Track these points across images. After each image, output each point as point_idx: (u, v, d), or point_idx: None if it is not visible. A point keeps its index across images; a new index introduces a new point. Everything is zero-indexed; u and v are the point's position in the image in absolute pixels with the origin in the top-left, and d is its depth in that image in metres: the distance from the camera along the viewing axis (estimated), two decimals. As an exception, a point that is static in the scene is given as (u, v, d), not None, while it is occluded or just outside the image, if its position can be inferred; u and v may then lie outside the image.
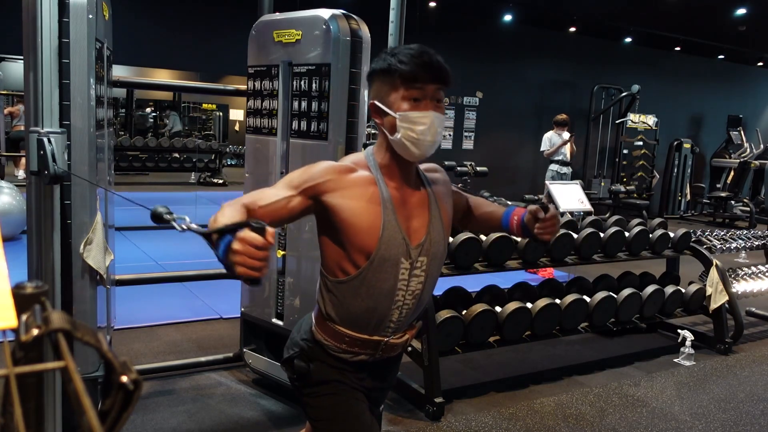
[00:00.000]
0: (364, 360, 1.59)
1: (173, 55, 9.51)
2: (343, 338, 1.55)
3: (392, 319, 1.55)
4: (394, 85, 1.45)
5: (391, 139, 1.46)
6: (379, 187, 1.47)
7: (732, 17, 9.58)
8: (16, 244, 5.34)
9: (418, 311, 1.63)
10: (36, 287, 0.48)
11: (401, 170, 1.51)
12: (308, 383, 1.60)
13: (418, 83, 1.43)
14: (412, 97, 1.43)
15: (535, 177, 10.95)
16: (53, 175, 2.05)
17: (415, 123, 1.43)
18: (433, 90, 1.45)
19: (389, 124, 1.46)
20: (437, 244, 1.55)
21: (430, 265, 1.55)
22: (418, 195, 1.55)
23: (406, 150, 1.46)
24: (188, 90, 12.40)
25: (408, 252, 1.50)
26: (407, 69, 1.41)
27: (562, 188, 5.83)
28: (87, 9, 2.17)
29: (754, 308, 5.15)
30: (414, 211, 1.53)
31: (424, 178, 1.60)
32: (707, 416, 3.33)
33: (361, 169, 1.49)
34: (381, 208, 1.46)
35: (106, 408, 0.45)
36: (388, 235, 1.46)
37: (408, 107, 1.43)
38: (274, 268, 3.09)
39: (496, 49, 10.87)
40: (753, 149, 12.42)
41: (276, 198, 1.43)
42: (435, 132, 1.45)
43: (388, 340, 1.57)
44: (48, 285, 0.53)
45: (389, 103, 1.46)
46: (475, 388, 3.56)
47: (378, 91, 1.49)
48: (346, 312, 1.53)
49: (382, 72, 1.46)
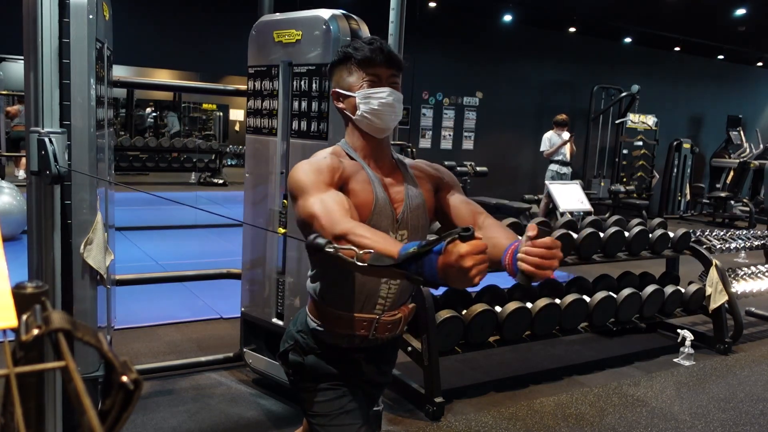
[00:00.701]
0: (359, 346, 1.61)
1: (173, 55, 9.51)
2: (336, 320, 1.57)
3: (381, 294, 1.58)
4: (351, 70, 1.56)
5: (355, 119, 1.57)
6: (364, 168, 1.57)
7: (732, 17, 9.58)
8: (16, 244, 5.34)
9: (408, 290, 1.66)
10: (36, 287, 0.48)
11: (376, 150, 1.60)
12: (304, 378, 1.63)
13: (372, 66, 1.54)
14: (368, 79, 1.54)
15: (535, 177, 10.95)
16: (54, 175, 2.05)
17: (373, 97, 1.53)
18: (387, 74, 1.55)
19: (351, 105, 1.56)
20: (416, 217, 1.60)
21: (411, 239, 1.57)
22: (394, 173, 1.62)
23: (370, 125, 1.55)
24: (188, 90, 12.39)
25: (394, 226, 1.56)
26: (362, 54, 1.54)
27: (562, 188, 5.83)
28: (87, 9, 2.18)
29: (753, 308, 5.15)
30: (391, 188, 1.59)
31: (399, 162, 1.66)
32: (707, 416, 3.33)
33: (344, 158, 1.58)
34: (371, 186, 1.54)
35: (107, 408, 0.45)
36: (380, 206, 1.53)
37: (366, 86, 1.55)
38: (274, 267, 3.10)
39: (496, 49, 10.86)
40: (753, 149, 12.42)
41: (342, 203, 1.42)
42: (393, 105, 1.54)
43: (380, 318, 1.60)
44: (48, 285, 0.54)
45: (349, 86, 1.57)
46: (475, 388, 3.56)
47: (338, 79, 1.59)
48: (336, 291, 1.57)
49: (339, 62, 1.58)
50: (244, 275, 3.28)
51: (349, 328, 1.58)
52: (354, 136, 1.61)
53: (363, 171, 1.56)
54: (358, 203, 1.50)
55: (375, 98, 1.53)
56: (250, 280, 3.24)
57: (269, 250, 3.10)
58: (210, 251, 6.38)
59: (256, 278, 3.19)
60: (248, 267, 3.24)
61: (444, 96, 10.53)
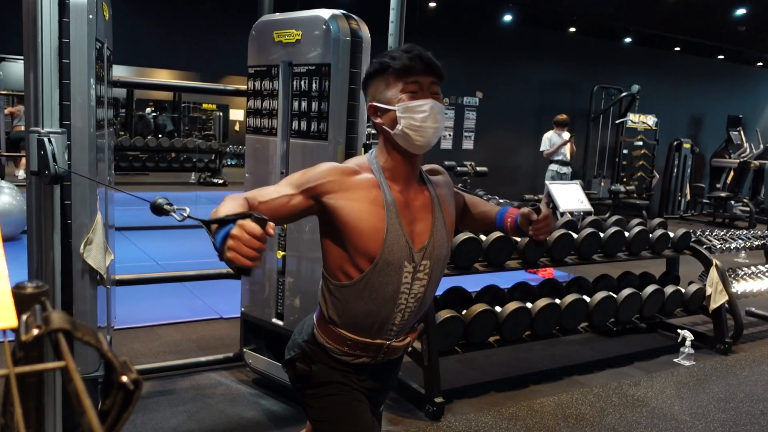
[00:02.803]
0: (366, 363, 1.59)
1: (173, 55, 9.52)
2: (344, 341, 1.54)
3: (395, 322, 1.54)
4: (389, 82, 1.47)
5: (393, 134, 1.46)
6: (382, 190, 1.47)
7: (732, 17, 9.58)
8: (16, 244, 5.34)
9: (421, 314, 1.62)
10: (36, 287, 0.48)
11: (404, 172, 1.51)
12: (309, 384, 1.60)
13: (412, 76, 1.45)
14: (408, 90, 1.45)
15: (535, 177, 10.95)
16: (54, 175, 2.05)
17: (415, 111, 1.44)
18: (428, 83, 1.47)
19: (389, 119, 1.46)
20: (440, 247, 1.55)
21: (433, 269, 1.54)
22: (421, 198, 1.54)
23: (409, 141, 1.45)
24: (188, 90, 12.39)
25: (411, 256, 1.49)
26: (400, 63, 1.44)
27: (562, 188, 5.83)
28: (87, 9, 2.17)
29: (753, 308, 5.15)
30: (417, 215, 1.52)
31: (428, 180, 1.59)
32: (707, 416, 3.33)
33: (364, 172, 1.49)
34: (384, 211, 1.45)
35: (106, 408, 0.45)
36: (392, 239, 1.45)
37: (406, 98, 1.45)
38: (274, 267, 3.10)
39: (496, 49, 10.87)
40: (753, 149, 12.42)
41: (277, 195, 1.44)
42: (436, 118, 1.45)
43: (390, 344, 1.57)
44: (48, 285, 0.54)
45: (387, 99, 1.47)
46: (475, 388, 3.56)
47: (374, 93, 1.50)
48: (349, 315, 1.52)
49: (376, 73, 1.49)
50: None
51: (358, 350, 1.55)
52: (384, 153, 1.51)
53: (377, 190, 1.46)
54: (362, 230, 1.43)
55: (417, 112, 1.43)
56: (250, 280, 3.24)
57: (270, 251, 3.10)
58: (210, 251, 6.34)
59: (256, 278, 3.19)
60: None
61: (444, 96, 10.51)
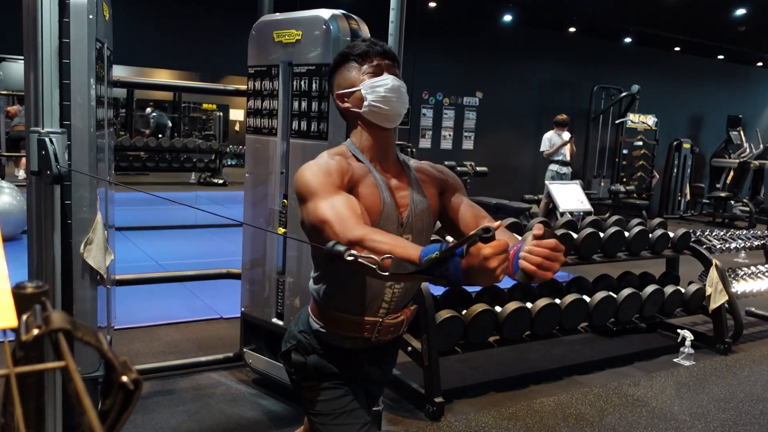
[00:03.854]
0: (361, 347, 1.61)
1: (173, 55, 9.51)
2: (338, 322, 1.57)
3: (385, 299, 1.57)
4: (350, 68, 1.58)
5: (362, 112, 1.55)
6: (371, 170, 1.55)
7: (732, 17, 9.58)
8: (16, 244, 5.34)
9: (411, 293, 1.65)
10: (36, 287, 0.48)
11: (381, 149, 1.59)
12: (306, 377, 1.63)
13: (370, 58, 1.56)
14: (369, 71, 1.56)
15: (535, 177, 10.96)
16: (55, 174, 2.05)
17: (378, 86, 1.54)
18: (386, 64, 1.57)
19: (356, 100, 1.56)
20: (421, 221, 1.59)
21: (415, 242, 1.55)
22: (400, 175, 1.61)
23: (379, 114, 1.54)
24: (188, 90, 12.40)
25: (399, 229, 1.55)
26: (359, 49, 1.57)
27: (562, 188, 5.83)
28: (87, 9, 2.18)
29: (753, 308, 5.15)
30: (397, 192, 1.58)
31: (404, 164, 1.65)
32: (707, 416, 3.33)
33: (350, 158, 1.56)
34: (378, 190, 1.53)
35: (107, 408, 0.45)
36: (387, 210, 1.52)
37: (368, 77, 1.56)
38: (274, 267, 3.10)
39: (496, 49, 10.87)
40: (753, 149, 12.42)
41: (353, 205, 1.41)
42: (399, 90, 1.55)
43: (383, 321, 1.59)
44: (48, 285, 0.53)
45: (350, 83, 1.58)
46: (475, 388, 3.56)
47: (339, 82, 1.60)
48: (340, 295, 1.57)
49: (338, 64, 1.61)
50: (244, 275, 3.28)
51: (352, 330, 1.58)
52: (361, 136, 1.59)
53: (371, 174, 1.54)
54: (366, 207, 1.49)
55: (380, 86, 1.54)
56: (250, 280, 3.24)
57: (269, 250, 3.10)
58: (210, 251, 6.38)
59: (256, 278, 3.19)
60: (248, 267, 3.24)
61: (444, 96, 10.53)
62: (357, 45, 1.58)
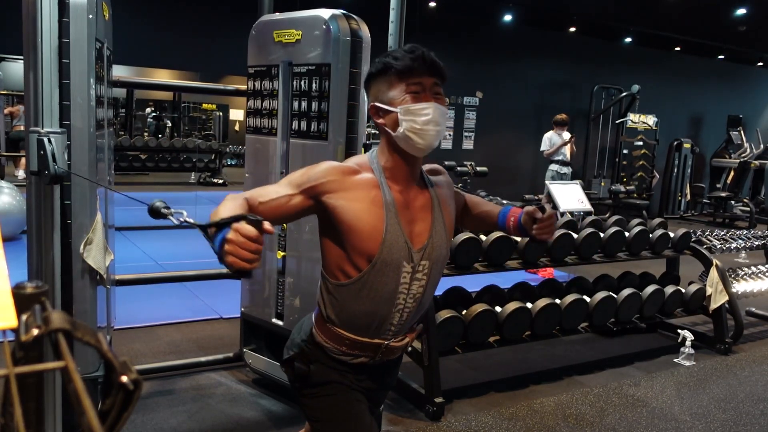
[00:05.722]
0: (364, 363, 1.58)
1: (173, 55, 9.52)
2: (343, 341, 1.54)
3: (393, 322, 1.54)
4: (391, 82, 1.46)
5: (395, 136, 1.46)
6: (382, 189, 1.47)
7: (732, 17, 9.59)
8: (16, 244, 5.34)
9: (419, 314, 1.62)
10: (36, 287, 0.48)
11: (405, 172, 1.51)
12: (307, 384, 1.60)
13: (415, 76, 1.44)
14: (411, 91, 1.44)
15: (535, 177, 10.96)
16: (54, 175, 2.05)
17: (417, 114, 1.43)
18: (430, 83, 1.46)
19: (391, 121, 1.46)
20: (440, 247, 1.55)
21: (432, 269, 1.54)
22: (421, 198, 1.54)
23: (410, 143, 1.45)
24: (188, 90, 12.39)
25: (410, 256, 1.49)
26: (402, 63, 1.43)
27: (562, 188, 5.83)
28: (87, 9, 2.17)
29: (754, 308, 5.15)
30: (417, 215, 1.52)
31: (428, 180, 1.59)
32: (707, 416, 3.33)
33: (364, 172, 1.48)
34: (384, 211, 1.45)
35: (106, 408, 0.45)
36: (391, 238, 1.45)
37: (409, 100, 1.44)
38: (274, 267, 3.09)
39: (496, 49, 10.87)
40: (753, 149, 12.42)
41: (277, 195, 1.45)
42: (438, 122, 1.45)
43: (389, 344, 1.57)
44: (48, 285, 0.53)
45: (389, 100, 1.46)
46: (475, 388, 3.56)
47: (376, 93, 1.49)
48: (347, 315, 1.52)
49: (378, 73, 1.48)
50: (244, 275, 3.27)
51: (357, 350, 1.55)
52: (385, 153, 1.51)
53: (377, 190, 1.46)
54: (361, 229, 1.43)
55: (419, 115, 1.43)
56: (249, 280, 3.24)
57: (269, 250, 3.10)
58: (210, 251, 6.34)
59: (256, 278, 3.19)
60: (248, 267, 3.23)
61: (442, 91, 10.52)
62: (402, 57, 1.44)
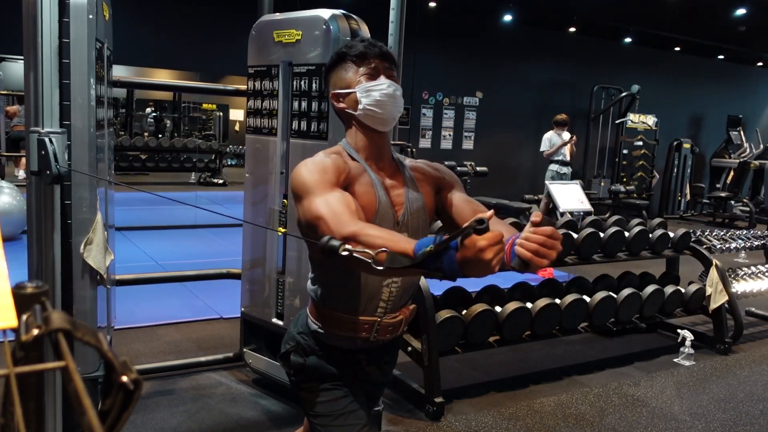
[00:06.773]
0: (360, 347, 1.61)
1: (173, 55, 9.52)
2: (337, 322, 1.57)
3: (383, 297, 1.57)
4: (347, 69, 1.57)
5: (357, 114, 1.55)
6: (367, 171, 1.55)
7: (732, 17, 9.58)
8: (16, 244, 5.34)
9: (409, 292, 1.65)
10: (36, 287, 0.48)
11: (376, 149, 1.59)
12: (305, 378, 1.63)
13: (368, 60, 1.55)
14: (366, 72, 1.55)
15: (535, 177, 10.95)
16: (54, 174, 2.05)
17: (374, 90, 1.54)
18: (383, 67, 1.56)
19: (351, 102, 1.56)
20: (416, 220, 1.59)
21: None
22: (395, 177, 1.61)
23: (373, 117, 1.54)
24: (188, 90, 12.40)
25: (395, 228, 1.54)
26: (356, 50, 1.56)
27: (562, 188, 5.83)
28: (87, 9, 2.17)
29: (753, 308, 5.15)
30: (392, 191, 1.58)
31: (399, 163, 1.65)
32: (707, 416, 3.33)
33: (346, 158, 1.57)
34: (374, 189, 1.53)
35: (106, 408, 0.45)
36: (383, 210, 1.52)
37: (365, 80, 1.55)
38: (273, 267, 3.09)
39: (496, 49, 10.86)
40: (753, 149, 12.42)
41: (348, 201, 1.41)
42: (393, 95, 1.54)
43: (381, 320, 1.59)
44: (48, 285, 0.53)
45: (347, 84, 1.57)
46: (475, 388, 3.56)
47: (335, 82, 1.60)
48: (338, 293, 1.57)
49: (334, 64, 1.60)
50: (244, 275, 3.28)
51: (351, 330, 1.58)
52: (356, 136, 1.59)
53: (366, 174, 1.54)
54: (362, 205, 1.49)
55: (376, 90, 1.53)
56: (250, 280, 3.24)
57: (269, 250, 3.10)
58: (210, 251, 6.38)
59: (256, 278, 3.19)
60: (248, 267, 3.24)
61: (444, 96, 10.53)
62: (355, 45, 1.56)
